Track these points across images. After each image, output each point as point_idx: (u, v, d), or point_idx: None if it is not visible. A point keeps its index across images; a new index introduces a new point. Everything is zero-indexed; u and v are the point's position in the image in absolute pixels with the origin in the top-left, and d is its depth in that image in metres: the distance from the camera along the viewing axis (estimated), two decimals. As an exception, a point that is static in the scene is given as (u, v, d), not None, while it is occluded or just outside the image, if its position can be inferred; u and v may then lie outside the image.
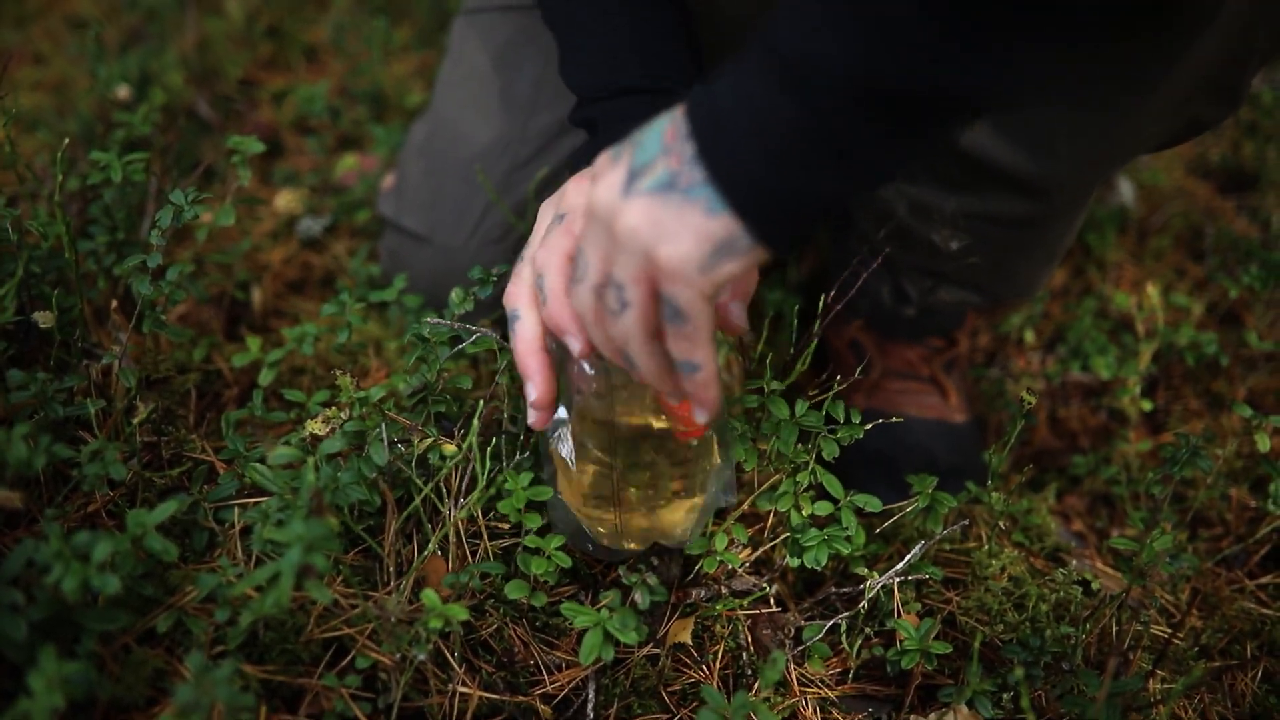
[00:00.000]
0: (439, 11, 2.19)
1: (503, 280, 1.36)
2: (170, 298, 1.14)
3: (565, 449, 1.02)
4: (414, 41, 2.13)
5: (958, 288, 1.33)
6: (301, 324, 1.27)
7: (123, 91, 1.73)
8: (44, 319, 1.08)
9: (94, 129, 1.68)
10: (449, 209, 1.43)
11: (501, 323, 1.32)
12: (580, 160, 1.04)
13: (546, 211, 0.97)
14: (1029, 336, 1.61)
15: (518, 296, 0.95)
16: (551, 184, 1.38)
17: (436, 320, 1.09)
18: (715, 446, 1.05)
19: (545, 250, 0.91)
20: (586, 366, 0.97)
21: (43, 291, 1.19)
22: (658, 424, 1.00)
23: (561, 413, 1.01)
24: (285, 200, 1.68)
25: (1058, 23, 0.69)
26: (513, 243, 1.41)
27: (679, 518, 1.05)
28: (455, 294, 1.13)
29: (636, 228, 0.76)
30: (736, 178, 0.74)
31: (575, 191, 0.93)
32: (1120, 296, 1.54)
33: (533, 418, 0.95)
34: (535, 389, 0.93)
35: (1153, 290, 1.50)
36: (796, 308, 1.24)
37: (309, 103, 1.86)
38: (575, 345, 0.89)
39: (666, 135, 0.77)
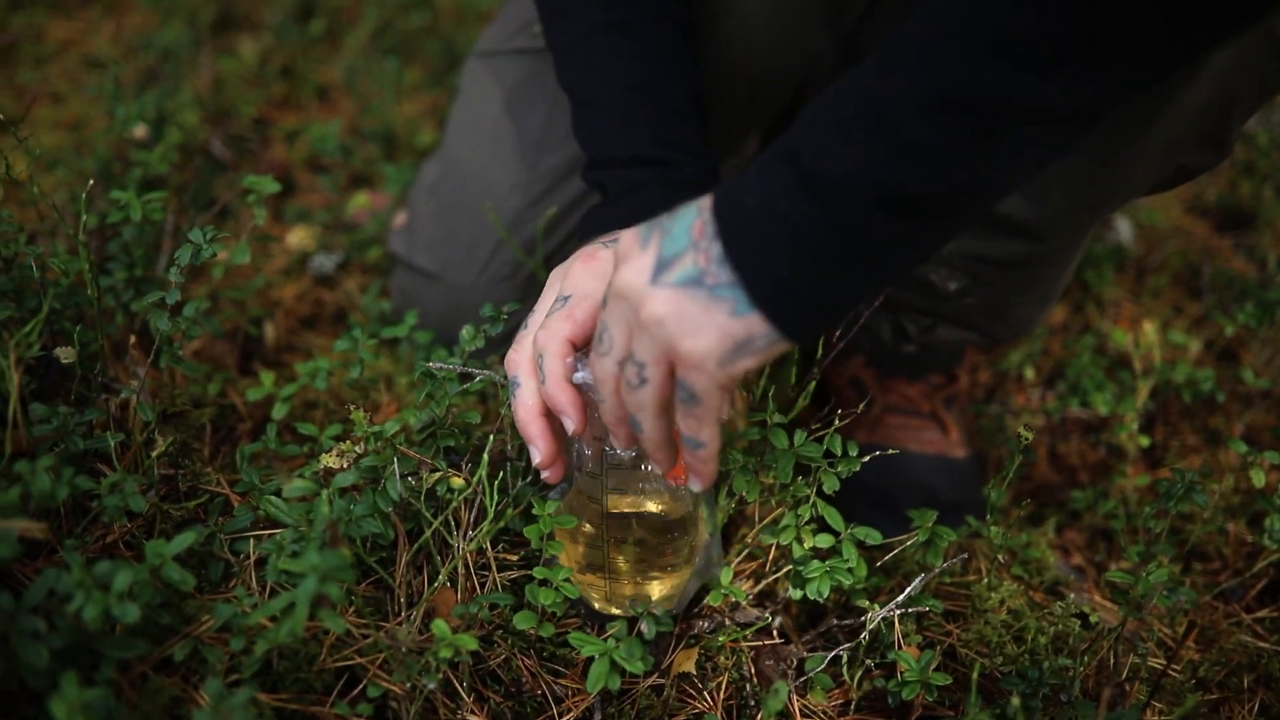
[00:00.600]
0: (449, 54, 2.23)
1: (513, 319, 1.40)
2: (187, 333, 1.17)
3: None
4: (424, 82, 2.18)
5: (956, 327, 1.35)
6: (314, 359, 1.30)
7: (139, 131, 1.77)
8: (66, 354, 1.11)
9: (111, 167, 1.72)
10: (459, 247, 1.46)
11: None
12: (589, 226, 1.09)
13: (553, 284, 1.01)
14: (1029, 373, 1.63)
15: (519, 364, 1.00)
16: (560, 222, 1.41)
17: (441, 364, 1.12)
18: (702, 523, 1.08)
19: (546, 332, 0.96)
20: (585, 447, 1.02)
21: (63, 327, 1.22)
22: (648, 505, 1.05)
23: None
24: (298, 237, 1.71)
25: (1062, 119, 0.73)
26: (522, 280, 1.44)
27: (667, 589, 1.09)
28: (465, 331, 1.16)
29: (662, 318, 0.81)
30: (763, 281, 0.78)
31: (582, 272, 0.98)
32: (1118, 334, 1.57)
33: (545, 476, 1.02)
34: (539, 452, 0.99)
35: (1149, 328, 1.52)
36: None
37: (321, 141, 1.89)
38: (570, 425, 0.96)
39: (694, 230, 0.81)
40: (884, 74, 0.75)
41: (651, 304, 0.81)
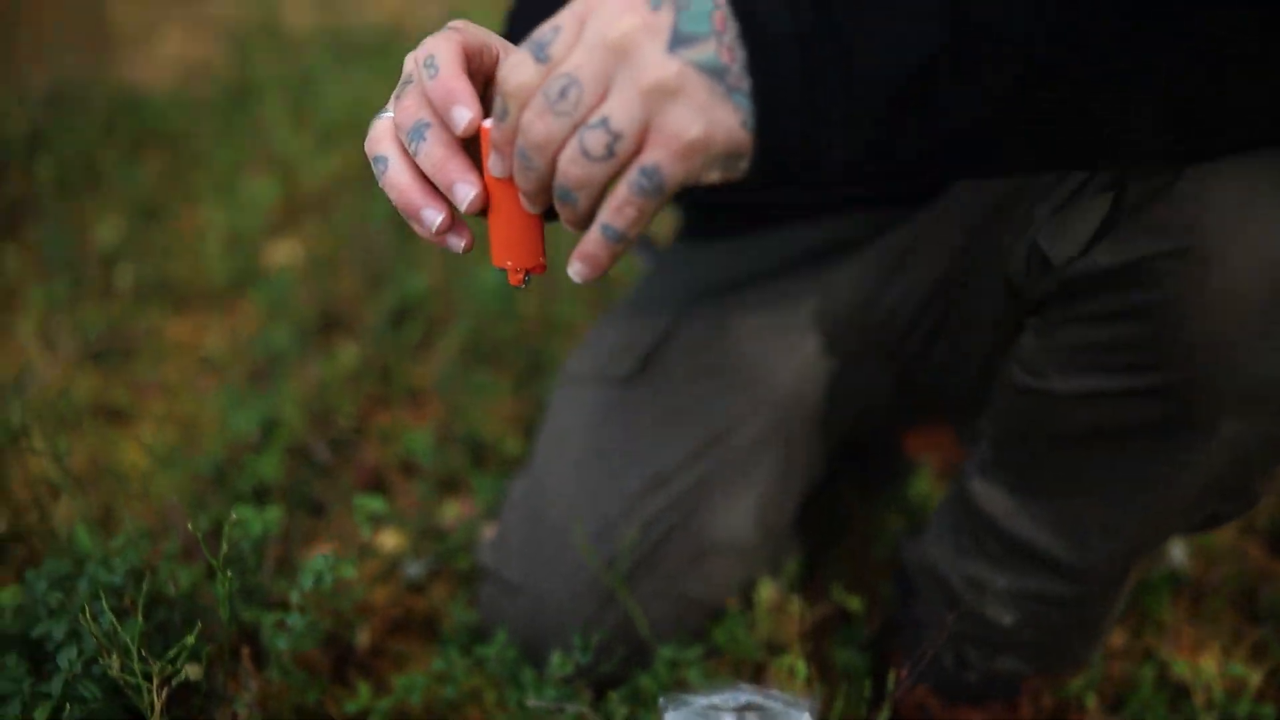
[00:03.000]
0: (535, 362, 2.41)
1: (600, 648, 1.48)
2: (297, 647, 1.26)
3: None
4: (511, 388, 2.34)
5: (1014, 658, 1.43)
6: (408, 672, 1.38)
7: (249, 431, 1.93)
8: (194, 672, 1.20)
9: (223, 469, 1.86)
10: (544, 562, 1.55)
11: (597, 689, 1.42)
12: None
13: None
14: (1090, 701, 1.67)
15: (378, 140, 0.86)
16: (639, 540, 1.50)
17: (537, 703, 1.19)
18: None
19: (429, 42, 0.85)
20: None
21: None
22: None
23: None
24: (391, 542, 1.82)
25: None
26: (602, 594, 1.53)
27: None
28: (556, 658, 1.24)
29: (674, 91, 0.72)
30: (775, 112, 0.74)
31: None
32: (1179, 665, 1.61)
33: (454, 245, 0.86)
34: (436, 212, 0.84)
35: (1209, 661, 1.57)
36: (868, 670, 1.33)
37: (414, 445, 2.03)
38: (467, 115, 0.81)
39: (715, 20, 0.72)
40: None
41: (663, 72, 0.71)
